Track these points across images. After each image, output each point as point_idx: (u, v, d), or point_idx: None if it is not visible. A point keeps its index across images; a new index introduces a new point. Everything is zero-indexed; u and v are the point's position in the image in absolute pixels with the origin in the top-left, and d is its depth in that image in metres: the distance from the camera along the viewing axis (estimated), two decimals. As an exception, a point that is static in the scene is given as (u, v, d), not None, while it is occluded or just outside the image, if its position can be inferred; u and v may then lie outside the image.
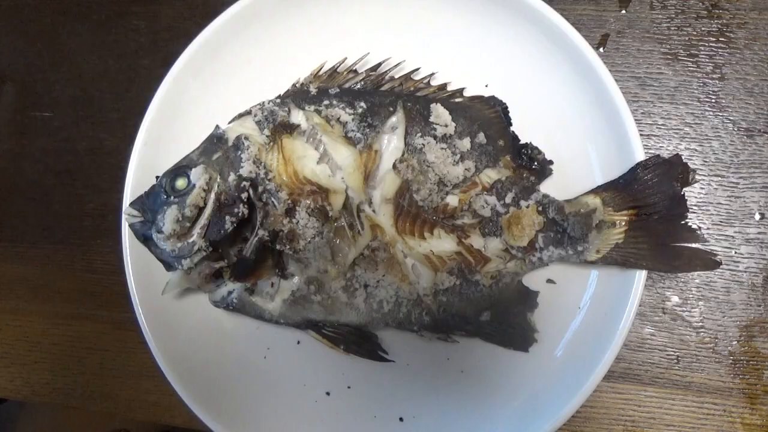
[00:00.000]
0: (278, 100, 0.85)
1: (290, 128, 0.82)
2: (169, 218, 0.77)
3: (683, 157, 0.79)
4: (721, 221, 0.87)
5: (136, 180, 0.87)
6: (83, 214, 1.03)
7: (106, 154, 1.04)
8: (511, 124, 0.84)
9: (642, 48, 0.93)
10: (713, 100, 0.90)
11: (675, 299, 0.87)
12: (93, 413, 0.96)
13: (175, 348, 0.84)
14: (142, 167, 0.87)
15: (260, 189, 0.80)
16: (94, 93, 1.07)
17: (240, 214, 0.78)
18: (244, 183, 0.79)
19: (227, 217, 0.77)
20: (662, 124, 0.90)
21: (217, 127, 0.84)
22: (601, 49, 0.93)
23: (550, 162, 0.83)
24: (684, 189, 0.77)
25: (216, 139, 0.83)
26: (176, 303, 0.86)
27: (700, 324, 0.86)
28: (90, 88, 1.08)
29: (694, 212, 0.88)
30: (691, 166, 0.82)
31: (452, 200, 0.82)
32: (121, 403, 0.96)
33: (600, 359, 0.76)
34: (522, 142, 0.84)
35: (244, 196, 0.78)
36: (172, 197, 0.79)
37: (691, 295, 0.86)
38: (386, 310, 0.81)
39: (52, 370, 0.99)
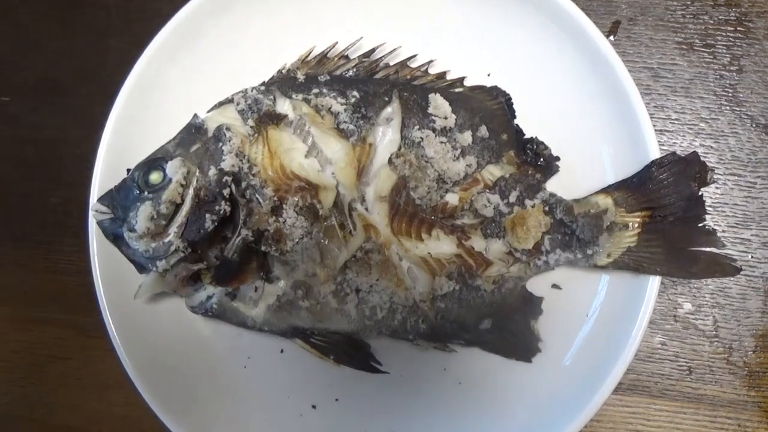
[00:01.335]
0: (263, 88, 0.84)
1: (277, 118, 0.81)
2: (142, 216, 0.76)
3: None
4: (737, 223, 0.88)
5: (105, 173, 0.85)
6: (45, 209, 1.01)
7: (71, 143, 1.02)
8: (515, 117, 0.84)
9: (655, 37, 0.93)
10: (730, 94, 0.90)
11: (687, 306, 0.87)
12: (55, 427, 0.94)
13: (146, 356, 0.82)
14: (112, 159, 0.86)
15: (243, 184, 0.78)
16: (58, 77, 1.05)
17: (221, 212, 0.76)
18: (226, 178, 0.77)
19: (207, 215, 0.76)
20: (676, 119, 0.90)
21: (196, 116, 0.82)
22: (611, 37, 0.93)
23: (557, 158, 0.83)
24: (701, 189, 0.77)
25: (194, 130, 0.81)
26: (149, 308, 0.85)
27: (714, 333, 0.86)
28: (53, 72, 1.05)
29: (709, 213, 0.88)
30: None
31: (452, 199, 0.81)
32: (87, 416, 0.94)
33: (609, 371, 0.75)
34: (527, 136, 0.83)
35: (225, 192, 0.77)
36: (145, 192, 0.77)
37: (704, 302, 0.87)
38: (380, 317, 0.80)
39: (11, 380, 0.97)
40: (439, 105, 0.82)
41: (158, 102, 0.88)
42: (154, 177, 0.78)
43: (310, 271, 0.80)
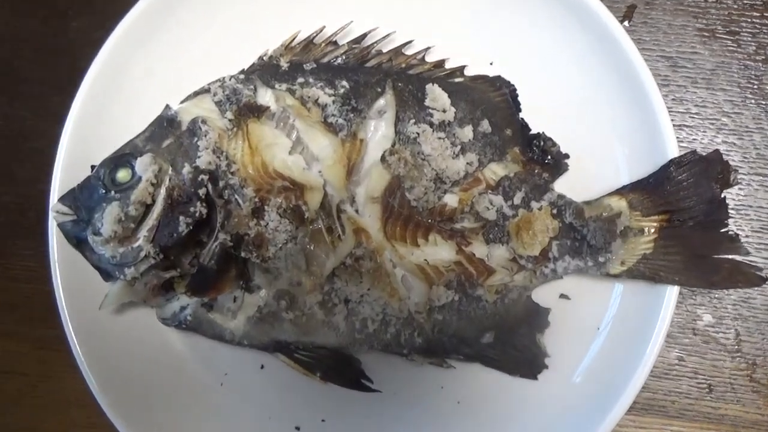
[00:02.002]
0: (242, 77, 0.84)
1: (258, 111, 0.81)
2: (108, 217, 0.76)
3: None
4: (762, 228, 0.88)
5: (66, 169, 0.85)
6: (-3, 208, 1.01)
7: (26, 136, 1.02)
8: (520, 110, 0.84)
9: (674, 23, 0.93)
10: (755, 86, 0.91)
11: (707, 318, 0.87)
12: (10, 450, 0.93)
13: (112, 373, 0.82)
14: (74, 154, 0.86)
15: (221, 184, 0.78)
16: (13, 61, 1.04)
17: (196, 214, 0.76)
18: (202, 176, 0.77)
19: (181, 218, 0.76)
20: (696, 113, 0.91)
21: (168, 107, 0.82)
22: (626, 23, 0.94)
23: (567, 156, 0.83)
24: (724, 191, 0.77)
25: (166, 122, 0.81)
26: (115, 319, 0.85)
27: (736, 347, 0.87)
28: (8, 56, 1.05)
29: (732, 217, 0.89)
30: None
31: (451, 200, 0.81)
32: (45, 438, 0.94)
33: (622, 389, 0.76)
34: (533, 131, 0.84)
35: (201, 192, 0.77)
36: (112, 192, 0.77)
37: (726, 314, 0.87)
38: (371, 330, 0.80)
39: (-40, 398, 0.97)
40: (437, 97, 0.82)
41: (126, 91, 0.88)
42: (122, 175, 0.78)
43: (295, 279, 0.80)
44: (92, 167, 0.81)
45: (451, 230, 0.81)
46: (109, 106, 0.87)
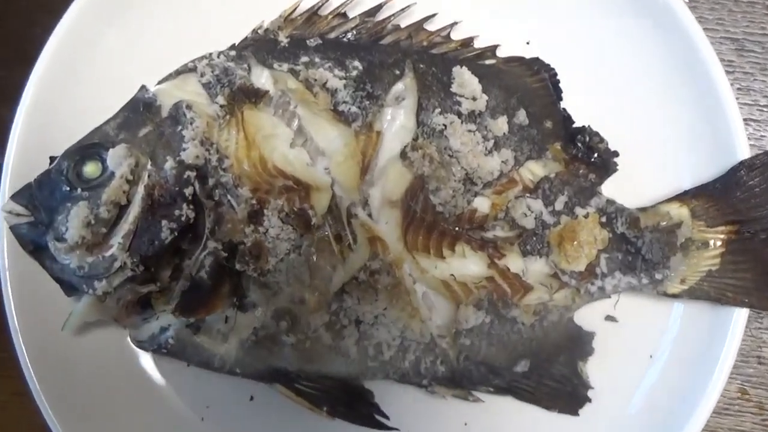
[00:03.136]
0: (233, 53, 0.83)
1: (256, 95, 0.81)
2: (75, 220, 0.75)
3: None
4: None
5: (20, 161, 0.85)
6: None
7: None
8: (561, 99, 0.84)
9: (741, -1, 0.94)
10: (835, 74, 0.92)
11: (775, 345, 0.89)
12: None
13: (73, 403, 0.82)
14: (28, 143, 0.85)
15: (211, 182, 0.78)
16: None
17: (182, 218, 0.76)
18: (188, 173, 0.77)
19: (163, 222, 0.76)
20: (765, 105, 0.92)
21: (144, 88, 0.81)
22: (685, -1, 0.94)
23: (616, 154, 0.83)
24: (803, 199, 0.78)
25: (143, 107, 0.80)
26: (78, 341, 0.84)
27: (807, 379, 0.88)
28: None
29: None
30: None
31: (482, 204, 0.81)
32: (-10, 480, 0.94)
33: (680, 429, 0.77)
34: (577, 124, 0.83)
35: (187, 191, 0.76)
36: (78, 189, 0.77)
37: (796, 341, 0.89)
38: (386, 357, 0.81)
39: None
40: (465, 82, 0.82)
41: (91, 69, 0.88)
42: (90, 169, 0.77)
43: (297, 296, 0.80)
44: (51, 159, 0.80)
45: (481, 240, 0.81)
46: (71, 86, 0.87)
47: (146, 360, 0.86)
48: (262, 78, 0.82)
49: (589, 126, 0.83)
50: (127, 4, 0.88)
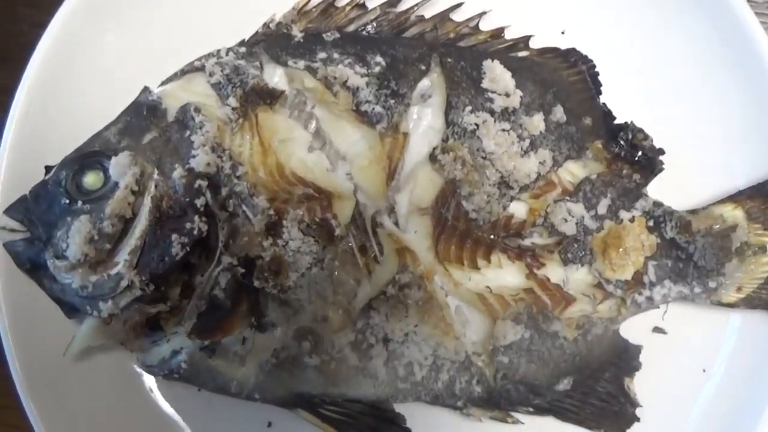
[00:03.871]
0: (243, 50, 0.81)
1: (271, 96, 0.78)
2: (76, 236, 0.72)
3: None
4: None
5: (12, 171, 0.82)
6: None
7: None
8: (600, 93, 0.83)
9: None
10: None
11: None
12: None
13: (74, 433, 0.80)
14: (22, 151, 0.83)
15: (224, 191, 0.76)
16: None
17: (194, 232, 0.73)
18: (199, 182, 0.74)
19: (174, 236, 0.73)
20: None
21: (147, 90, 0.79)
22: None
23: (661, 152, 0.81)
24: None
25: (147, 110, 0.78)
26: (79, 366, 0.82)
27: None
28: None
29: None
30: None
31: (519, 210, 0.79)
32: None
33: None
34: (618, 120, 0.82)
35: (199, 202, 0.74)
36: (78, 202, 0.74)
37: None
38: (418, 377, 0.78)
39: None
40: (497, 76, 0.80)
41: (88, 70, 0.86)
42: (91, 179, 0.75)
43: (320, 313, 0.77)
44: (47, 168, 0.78)
45: (519, 248, 0.79)
46: (67, 90, 0.85)
47: (152, 384, 0.84)
48: (275, 76, 0.80)
49: (631, 122, 0.81)
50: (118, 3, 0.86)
